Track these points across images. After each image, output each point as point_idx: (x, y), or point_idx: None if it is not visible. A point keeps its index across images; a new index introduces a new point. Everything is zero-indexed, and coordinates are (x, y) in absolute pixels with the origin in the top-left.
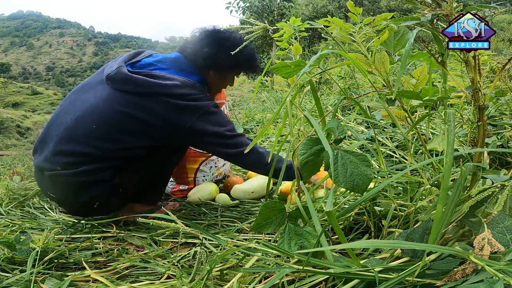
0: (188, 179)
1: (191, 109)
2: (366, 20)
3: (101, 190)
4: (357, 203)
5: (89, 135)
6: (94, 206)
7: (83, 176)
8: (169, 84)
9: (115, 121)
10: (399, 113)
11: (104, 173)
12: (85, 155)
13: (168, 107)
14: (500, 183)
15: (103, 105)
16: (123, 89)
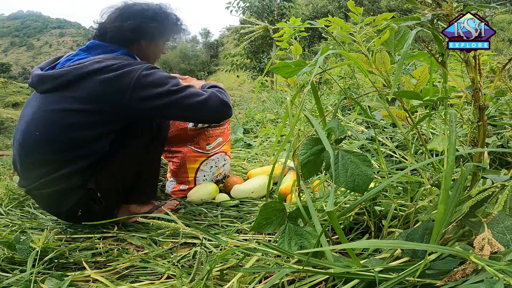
0: (188, 179)
1: (121, 80)
2: (367, 20)
3: (78, 197)
4: (357, 203)
5: (39, 142)
6: (79, 214)
7: (52, 185)
8: (86, 63)
9: (55, 121)
10: (399, 113)
11: (73, 179)
12: (46, 163)
13: (96, 86)
14: (500, 183)
15: (38, 111)
16: (45, 89)
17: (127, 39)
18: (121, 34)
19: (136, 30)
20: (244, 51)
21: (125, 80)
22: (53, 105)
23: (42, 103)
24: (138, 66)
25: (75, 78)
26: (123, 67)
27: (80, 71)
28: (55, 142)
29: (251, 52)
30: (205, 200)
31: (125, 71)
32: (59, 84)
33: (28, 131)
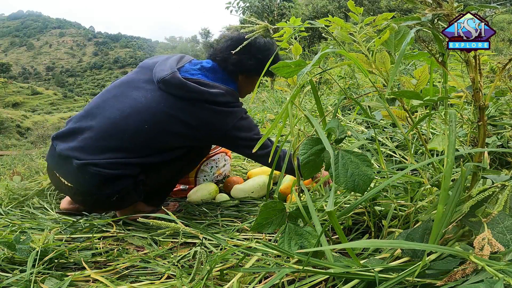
0: (189, 179)
1: (231, 115)
2: (367, 20)
3: (126, 184)
4: (357, 203)
5: (139, 133)
6: (113, 199)
7: (117, 168)
8: (215, 92)
9: (164, 122)
10: (399, 113)
11: (135, 168)
12: (125, 150)
13: (213, 113)
14: (500, 183)
15: (156, 107)
16: (176, 93)
17: (230, 71)
18: (225, 65)
19: (237, 64)
20: None
21: (231, 118)
22: (170, 110)
23: (162, 101)
24: (240, 109)
25: (199, 98)
26: (236, 106)
27: (209, 97)
28: (153, 140)
29: None
30: (205, 200)
31: (236, 110)
32: (189, 97)
33: (134, 119)
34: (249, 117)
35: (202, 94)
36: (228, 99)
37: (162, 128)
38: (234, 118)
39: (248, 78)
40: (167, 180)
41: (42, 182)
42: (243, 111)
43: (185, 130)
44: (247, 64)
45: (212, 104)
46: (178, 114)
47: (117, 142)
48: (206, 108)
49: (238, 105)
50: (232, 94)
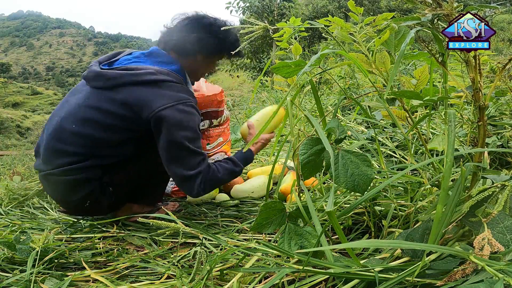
0: None
1: (160, 95)
2: (367, 20)
3: (91, 188)
4: (357, 203)
5: (73, 135)
6: (86, 205)
7: (72, 174)
8: (140, 72)
9: (94, 119)
10: (399, 113)
11: (93, 171)
12: (73, 154)
13: (138, 94)
14: (500, 183)
15: (82, 104)
16: (97, 85)
17: (187, 50)
18: (183, 45)
19: (196, 44)
20: (244, 51)
21: (160, 99)
22: (98, 103)
23: (90, 98)
24: (181, 96)
25: (125, 83)
26: (169, 88)
27: (133, 79)
28: (89, 139)
29: (251, 52)
30: (205, 200)
31: (165, 93)
32: (111, 85)
33: (67, 121)
34: (194, 113)
35: (123, 77)
36: (160, 77)
37: (92, 125)
38: (165, 99)
39: (208, 58)
40: (149, 177)
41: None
42: (183, 101)
43: (116, 122)
44: (208, 43)
45: (136, 85)
46: (105, 106)
47: (62, 148)
48: (129, 90)
49: (176, 87)
50: (168, 74)
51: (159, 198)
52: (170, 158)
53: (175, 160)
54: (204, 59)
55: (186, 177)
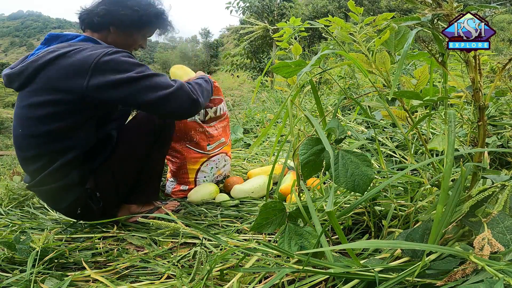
0: (189, 179)
1: (76, 66)
2: (367, 20)
3: (76, 195)
4: (357, 203)
5: (23, 138)
6: (78, 211)
7: (49, 183)
8: (41, 55)
9: (28, 116)
10: (399, 113)
11: (69, 175)
12: (34, 157)
13: (51, 75)
14: (500, 183)
15: (17, 109)
16: (16, 87)
17: (96, 24)
18: (90, 19)
19: (105, 15)
20: (244, 51)
21: (81, 66)
22: (24, 101)
23: (18, 100)
24: (98, 51)
25: (32, 72)
26: (77, 52)
27: (35, 64)
28: (36, 136)
29: (251, 52)
30: (205, 200)
31: (81, 56)
32: (23, 80)
33: (15, 129)
34: (119, 55)
35: (27, 67)
36: (61, 51)
37: (32, 123)
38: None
39: (122, 32)
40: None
41: None
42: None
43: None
44: (118, 15)
45: (46, 66)
46: (30, 100)
47: (25, 155)
48: (44, 73)
49: (85, 50)
50: (70, 45)
51: (155, 195)
52: (143, 94)
53: (148, 90)
54: (120, 32)
55: (173, 93)
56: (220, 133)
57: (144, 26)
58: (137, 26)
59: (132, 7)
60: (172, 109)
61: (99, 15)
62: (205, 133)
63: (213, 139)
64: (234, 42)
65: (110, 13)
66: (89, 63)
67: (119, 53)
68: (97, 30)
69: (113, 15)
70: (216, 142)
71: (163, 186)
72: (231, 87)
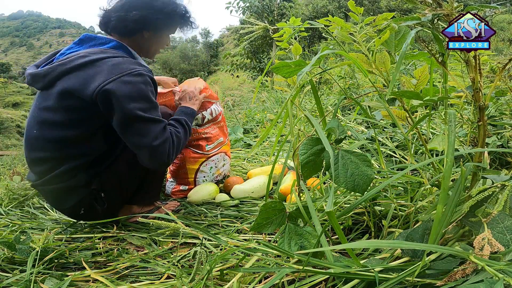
0: (189, 180)
1: (100, 73)
2: (367, 20)
3: (80, 196)
4: (357, 203)
5: (37, 140)
6: (81, 212)
7: (56, 182)
8: (71, 58)
9: (47, 119)
10: (399, 113)
11: (77, 177)
12: (46, 159)
13: (75, 79)
14: (500, 183)
15: (34, 109)
16: (39, 87)
17: (129, 29)
18: (124, 24)
19: (140, 21)
20: (244, 51)
21: (100, 78)
22: (43, 103)
23: (38, 100)
24: (126, 66)
25: (59, 75)
26: (106, 63)
27: (63, 68)
28: (51, 140)
29: (251, 52)
30: (205, 200)
31: (107, 66)
32: (48, 81)
33: (30, 129)
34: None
35: (55, 69)
36: (92, 57)
37: (50, 125)
38: (103, 75)
39: (157, 34)
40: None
41: None
42: (130, 69)
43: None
44: (151, 19)
45: (69, 72)
46: (50, 103)
47: (36, 155)
48: (65, 80)
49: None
50: (102, 51)
51: (157, 196)
52: (131, 134)
53: (136, 133)
54: (153, 35)
55: (154, 148)
56: (217, 133)
57: (173, 27)
58: (168, 28)
59: (162, 10)
60: (145, 159)
61: (132, 20)
62: (203, 135)
63: (211, 139)
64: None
65: (144, 18)
66: (111, 75)
67: (142, 76)
68: (129, 35)
69: (147, 21)
70: (215, 142)
71: (162, 186)
72: (231, 87)
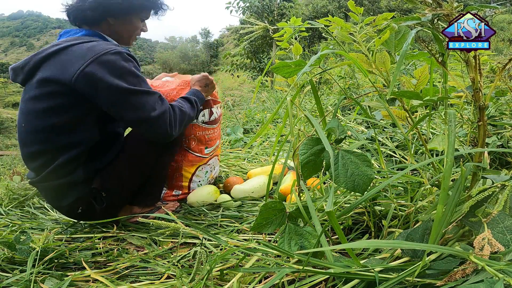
0: (182, 184)
1: (76, 56)
2: (367, 20)
3: (79, 194)
4: (357, 203)
5: (27, 133)
6: (79, 211)
7: (52, 178)
8: (45, 48)
9: (30, 110)
10: (399, 113)
11: (74, 173)
12: (39, 153)
13: (51, 67)
14: (500, 183)
15: (21, 103)
16: (20, 80)
17: (91, 18)
18: (83, 14)
19: (98, 8)
20: (244, 51)
21: (80, 57)
22: (26, 95)
23: (23, 94)
24: (102, 46)
25: (35, 65)
26: (81, 45)
27: (39, 56)
28: (38, 131)
29: (251, 52)
30: (205, 202)
31: (84, 48)
32: (27, 73)
33: (19, 124)
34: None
35: (30, 59)
36: (64, 44)
37: (34, 116)
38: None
39: (121, 20)
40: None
41: None
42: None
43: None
44: (110, 4)
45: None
46: (32, 93)
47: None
48: (43, 68)
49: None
50: (76, 39)
51: (158, 198)
52: (125, 109)
53: (131, 108)
54: (118, 21)
55: (153, 119)
56: (216, 136)
57: (139, 9)
58: (133, 11)
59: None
60: (146, 132)
61: (90, 9)
62: (205, 136)
63: (210, 143)
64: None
65: (101, 4)
66: (89, 55)
67: (120, 54)
68: (95, 24)
69: (105, 6)
70: (213, 145)
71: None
72: (231, 87)
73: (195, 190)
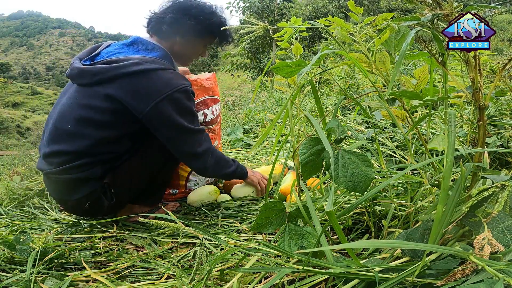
0: (179, 183)
1: (152, 89)
2: (367, 20)
3: (91, 188)
4: (357, 203)
5: (69, 135)
6: (86, 206)
7: (72, 173)
8: (125, 64)
9: (87, 117)
10: (399, 113)
11: (93, 169)
12: (70, 153)
13: (128, 87)
14: (500, 183)
15: (71, 103)
16: (82, 83)
17: (164, 32)
18: (159, 26)
19: (173, 24)
20: (244, 51)
21: (155, 92)
22: (88, 100)
23: (78, 96)
24: (173, 82)
25: (111, 77)
26: (157, 74)
27: (118, 71)
28: (84, 138)
29: (251, 52)
30: (205, 201)
31: (159, 82)
32: (97, 80)
33: (61, 122)
34: (189, 97)
35: (108, 71)
36: (146, 67)
37: (89, 123)
38: (157, 90)
39: (187, 41)
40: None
41: (42, 182)
42: (178, 85)
43: (110, 117)
44: (184, 24)
45: (123, 77)
46: (93, 102)
47: (60, 149)
48: (118, 84)
49: (166, 74)
50: (154, 61)
51: (159, 199)
52: (180, 144)
53: (185, 144)
54: (183, 41)
55: (197, 154)
56: (215, 135)
57: (206, 36)
58: (200, 36)
59: (197, 16)
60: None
61: (167, 23)
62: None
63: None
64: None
65: (177, 21)
66: (164, 90)
67: (186, 93)
68: (164, 38)
69: (180, 24)
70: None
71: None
72: (231, 87)
73: (195, 190)
